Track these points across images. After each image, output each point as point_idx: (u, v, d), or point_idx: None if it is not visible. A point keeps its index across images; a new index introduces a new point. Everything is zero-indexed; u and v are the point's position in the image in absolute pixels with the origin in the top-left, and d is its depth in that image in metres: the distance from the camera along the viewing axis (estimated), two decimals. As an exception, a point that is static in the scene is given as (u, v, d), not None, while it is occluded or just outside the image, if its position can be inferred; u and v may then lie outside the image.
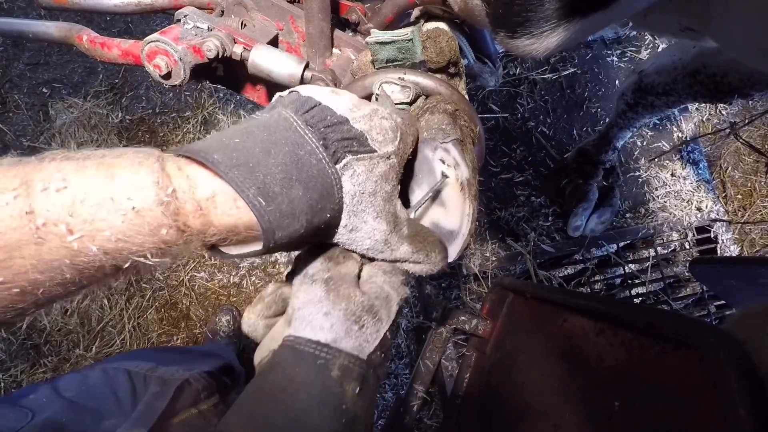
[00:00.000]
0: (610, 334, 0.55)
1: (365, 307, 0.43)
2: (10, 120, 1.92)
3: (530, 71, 1.84)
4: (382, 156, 0.41)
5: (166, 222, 0.33)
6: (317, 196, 0.37)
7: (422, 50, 0.58)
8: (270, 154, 0.36)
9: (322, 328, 0.42)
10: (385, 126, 0.43)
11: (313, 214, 0.37)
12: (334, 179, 0.39)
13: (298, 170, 0.37)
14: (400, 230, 0.44)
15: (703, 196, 1.80)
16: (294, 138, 0.38)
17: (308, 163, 0.37)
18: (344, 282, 0.44)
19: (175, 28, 0.69)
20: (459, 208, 0.51)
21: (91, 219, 0.31)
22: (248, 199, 0.34)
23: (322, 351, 0.41)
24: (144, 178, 0.33)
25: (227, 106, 1.96)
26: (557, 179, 1.70)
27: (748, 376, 0.36)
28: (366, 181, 0.40)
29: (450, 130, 0.51)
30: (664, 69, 1.17)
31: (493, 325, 0.85)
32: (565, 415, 0.57)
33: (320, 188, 0.38)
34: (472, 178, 0.52)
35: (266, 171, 0.35)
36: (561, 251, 1.65)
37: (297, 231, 0.37)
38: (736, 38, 0.62)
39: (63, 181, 0.32)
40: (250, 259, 1.83)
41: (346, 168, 0.39)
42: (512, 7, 0.50)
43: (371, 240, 0.43)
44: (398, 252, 0.45)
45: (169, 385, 0.78)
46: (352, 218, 0.41)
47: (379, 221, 0.42)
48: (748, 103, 2.15)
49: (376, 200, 0.41)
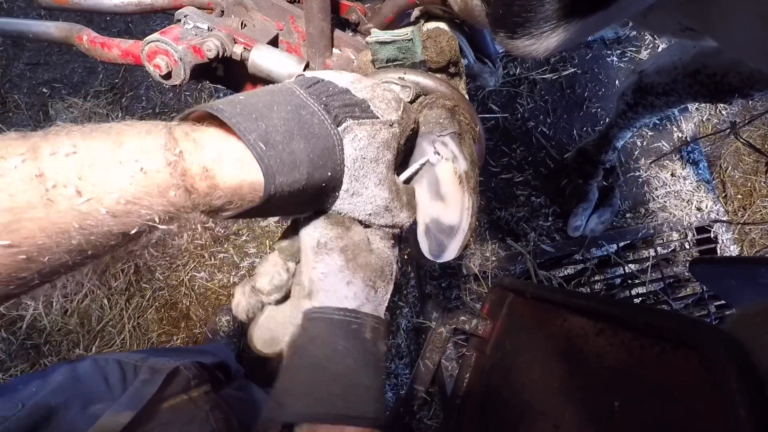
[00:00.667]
0: (610, 334, 0.55)
1: (378, 272, 0.45)
2: (10, 120, 1.92)
3: (530, 71, 1.84)
4: (385, 123, 0.42)
5: (174, 182, 0.33)
6: (318, 152, 0.38)
7: (422, 50, 0.58)
8: (273, 109, 0.37)
9: (347, 297, 0.43)
10: (388, 96, 0.44)
11: (314, 167, 0.38)
12: (335, 139, 0.39)
13: (300, 126, 0.37)
14: (401, 198, 0.45)
15: (703, 196, 1.80)
16: (297, 101, 0.39)
17: (310, 121, 0.38)
18: (360, 250, 0.45)
19: (175, 28, 0.69)
20: (458, 202, 0.51)
21: (100, 181, 0.32)
22: (249, 142, 0.34)
23: (352, 317, 0.43)
24: (152, 142, 0.33)
25: (227, 106, 1.96)
26: (557, 179, 1.70)
27: (748, 376, 0.36)
28: (368, 146, 0.41)
29: (447, 123, 0.51)
30: (664, 69, 1.17)
31: (493, 325, 0.85)
32: (565, 415, 0.57)
33: (321, 145, 0.38)
34: (471, 171, 0.51)
35: (269, 122, 0.36)
36: (561, 251, 1.65)
37: (298, 181, 0.37)
38: (737, 38, 0.62)
39: (72, 147, 0.32)
40: (249, 259, 1.83)
41: (347, 131, 0.40)
42: (512, 8, 0.50)
43: (372, 205, 0.43)
44: (398, 218, 0.46)
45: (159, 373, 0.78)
46: (353, 183, 0.41)
47: (380, 188, 0.43)
48: (748, 103, 2.15)
49: (378, 167, 0.42)
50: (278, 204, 0.38)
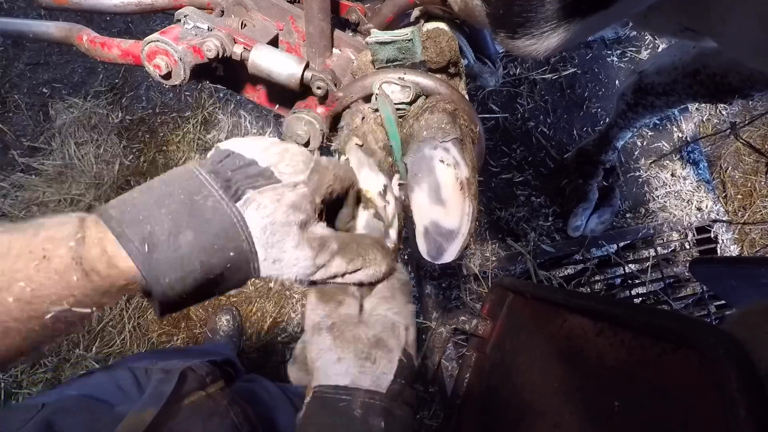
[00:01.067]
0: (610, 334, 0.55)
1: (373, 343, 0.45)
2: (10, 120, 1.92)
3: (530, 71, 1.84)
4: (288, 185, 0.42)
5: (74, 267, 0.35)
6: (212, 238, 0.38)
7: (422, 50, 0.58)
8: (163, 205, 0.38)
9: (337, 373, 0.44)
10: (296, 159, 0.44)
11: (209, 255, 0.38)
12: (234, 217, 0.39)
13: (191, 215, 0.38)
14: (327, 249, 0.44)
15: (703, 196, 1.80)
16: (192, 186, 0.40)
17: (203, 207, 0.39)
18: (347, 325, 0.46)
19: (175, 28, 0.69)
20: (459, 207, 0.51)
21: (9, 270, 0.34)
22: (130, 250, 0.36)
23: (341, 394, 0.44)
24: (61, 231, 0.36)
25: (227, 106, 1.96)
26: (557, 179, 1.70)
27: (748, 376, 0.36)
28: (275, 212, 0.40)
29: (450, 129, 0.51)
30: (665, 69, 1.17)
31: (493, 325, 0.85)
32: (565, 415, 0.57)
33: (216, 229, 0.39)
34: (472, 177, 0.52)
35: (155, 222, 0.37)
36: (561, 251, 1.65)
37: (191, 273, 0.38)
38: (736, 38, 0.62)
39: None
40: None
41: (248, 203, 0.40)
42: (512, 8, 0.50)
43: (297, 267, 0.43)
44: (332, 269, 0.45)
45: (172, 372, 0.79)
46: (269, 251, 0.41)
47: (300, 248, 0.42)
48: (748, 103, 2.15)
49: (291, 229, 0.41)
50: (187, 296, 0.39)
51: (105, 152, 1.88)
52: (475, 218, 0.52)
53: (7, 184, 1.83)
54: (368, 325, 0.47)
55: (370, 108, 0.59)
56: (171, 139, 1.93)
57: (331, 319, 0.46)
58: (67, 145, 1.86)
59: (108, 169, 1.86)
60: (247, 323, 1.80)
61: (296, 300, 1.82)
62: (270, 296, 1.83)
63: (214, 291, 0.42)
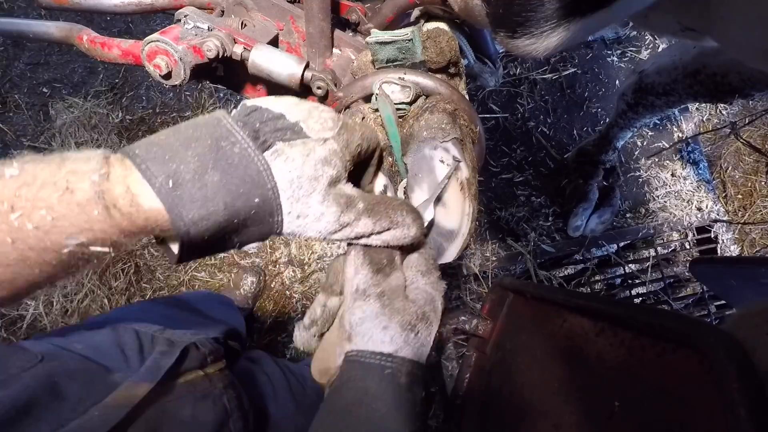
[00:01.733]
0: (610, 334, 0.55)
1: (419, 316, 0.45)
2: (10, 120, 1.92)
3: (530, 71, 1.84)
4: (318, 140, 0.42)
5: (95, 200, 0.35)
6: (238, 181, 0.38)
7: (422, 50, 0.58)
8: (189, 147, 0.38)
9: (383, 341, 0.44)
10: (324, 116, 0.44)
11: (234, 197, 0.38)
12: (260, 165, 0.39)
13: (216, 159, 0.38)
14: (354, 207, 0.43)
15: (703, 196, 1.80)
16: (219, 133, 0.39)
17: (229, 152, 0.39)
18: (397, 295, 0.46)
19: (175, 28, 0.69)
20: (459, 207, 0.51)
21: (32, 198, 0.35)
22: (153, 184, 0.36)
23: (387, 361, 0.43)
24: (86, 165, 0.36)
25: (227, 106, 1.96)
26: (557, 179, 1.70)
27: (748, 376, 0.36)
28: (303, 165, 0.40)
29: (449, 129, 0.51)
30: (665, 69, 1.17)
31: (493, 325, 0.85)
32: (565, 415, 0.57)
33: (241, 173, 0.38)
34: (472, 177, 0.52)
35: (180, 161, 0.37)
36: (561, 251, 1.65)
37: (214, 213, 0.37)
38: (737, 38, 0.62)
39: (18, 170, 0.36)
40: (249, 259, 1.83)
41: (277, 154, 0.40)
42: (512, 7, 0.50)
43: (323, 223, 0.42)
44: (359, 228, 0.44)
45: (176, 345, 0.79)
46: (294, 204, 0.41)
47: (326, 204, 0.42)
48: (749, 103, 2.15)
49: (319, 184, 0.41)
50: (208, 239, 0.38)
51: (105, 152, 1.88)
52: (475, 218, 0.52)
53: (8, 184, 1.83)
54: (414, 299, 0.46)
55: (370, 108, 0.59)
56: (171, 139, 1.93)
57: (380, 287, 0.45)
58: (67, 145, 1.85)
59: (108, 169, 1.86)
60: (248, 323, 1.80)
61: (296, 300, 1.82)
62: (270, 296, 1.83)
63: (234, 240, 0.41)
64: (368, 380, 0.42)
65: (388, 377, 0.42)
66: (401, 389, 0.42)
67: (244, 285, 1.72)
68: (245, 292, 1.72)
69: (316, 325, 0.50)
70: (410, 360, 0.44)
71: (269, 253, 1.84)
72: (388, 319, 0.44)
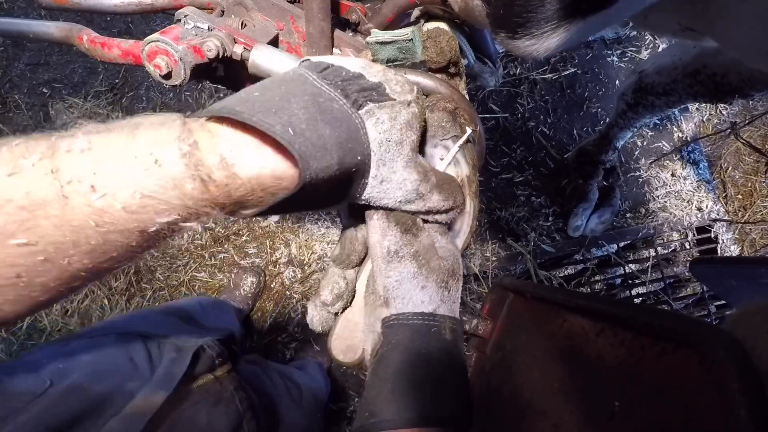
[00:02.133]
0: (610, 334, 0.55)
1: (450, 272, 0.45)
2: (10, 120, 1.92)
3: (530, 71, 1.84)
4: (403, 103, 0.41)
5: (190, 173, 0.32)
6: (345, 135, 0.37)
7: (422, 50, 0.58)
8: (291, 101, 0.36)
9: (423, 301, 0.43)
10: (400, 79, 0.43)
11: (344, 151, 0.36)
12: (359, 123, 0.38)
13: (322, 113, 0.36)
14: (429, 180, 0.44)
15: (703, 196, 1.80)
16: (312, 89, 0.38)
17: (330, 108, 0.37)
18: (432, 255, 0.45)
19: (176, 28, 0.69)
20: None
21: (114, 176, 0.31)
22: (276, 134, 0.33)
23: (431, 320, 0.43)
24: (166, 134, 0.33)
25: (227, 106, 1.96)
26: (557, 179, 1.70)
27: (748, 375, 0.36)
28: (391, 129, 0.40)
29: (450, 127, 0.51)
30: (665, 69, 1.17)
31: (493, 325, 0.85)
32: (565, 415, 0.57)
33: (346, 129, 0.37)
34: (472, 175, 0.52)
35: (290, 114, 0.35)
36: (561, 251, 1.65)
37: (330, 167, 0.36)
38: (737, 38, 0.62)
39: (87, 143, 0.32)
40: (249, 259, 1.83)
41: (369, 115, 0.39)
42: (513, 8, 0.50)
43: (403, 191, 0.42)
44: (430, 202, 0.44)
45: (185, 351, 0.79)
46: (381, 168, 0.40)
47: (408, 170, 0.41)
48: (749, 103, 2.15)
49: (403, 149, 0.41)
50: (309, 195, 0.36)
51: (105, 152, 1.88)
52: (476, 216, 0.52)
53: (8, 184, 1.83)
54: (444, 256, 0.46)
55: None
56: (171, 139, 1.93)
57: (414, 246, 0.44)
58: (67, 145, 1.86)
59: (108, 169, 1.86)
60: (248, 323, 1.80)
61: (296, 300, 1.82)
62: (270, 296, 1.83)
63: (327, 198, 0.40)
64: (417, 341, 0.42)
65: (434, 335, 0.42)
66: (449, 345, 0.43)
67: (244, 285, 1.72)
68: (245, 292, 1.72)
69: (342, 299, 0.49)
70: (450, 316, 0.44)
71: (269, 253, 1.84)
72: (426, 278, 0.44)
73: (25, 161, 0.30)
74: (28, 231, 0.30)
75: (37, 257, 0.30)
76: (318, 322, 0.50)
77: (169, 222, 0.33)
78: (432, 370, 0.41)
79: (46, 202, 0.30)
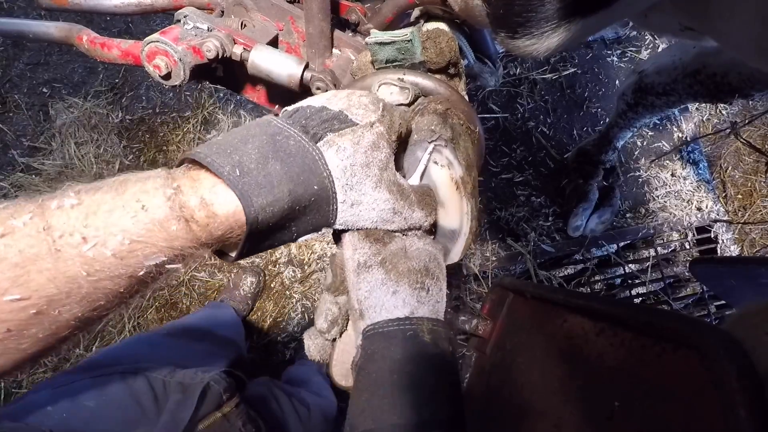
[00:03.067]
0: (610, 334, 0.55)
1: (423, 272, 0.44)
2: (10, 120, 1.92)
3: (530, 71, 1.84)
4: (365, 126, 0.42)
5: (174, 215, 0.34)
6: (297, 169, 0.39)
7: (422, 51, 0.58)
8: (248, 142, 0.39)
9: (396, 306, 0.43)
10: (364, 101, 0.44)
11: (295, 183, 0.38)
12: (315, 154, 0.40)
13: (275, 150, 0.39)
14: (407, 196, 0.44)
15: (703, 196, 1.80)
16: (271, 130, 0.40)
17: (285, 144, 0.39)
18: (399, 258, 0.45)
19: (175, 28, 0.69)
20: (457, 207, 0.51)
21: (104, 225, 0.33)
22: (223, 174, 0.36)
23: (406, 324, 0.42)
24: (152, 183, 0.35)
25: (227, 106, 1.96)
26: (557, 179, 1.70)
27: (748, 376, 0.36)
28: (355, 153, 0.41)
29: (440, 129, 0.51)
30: (665, 69, 1.17)
31: (493, 325, 0.85)
32: (565, 415, 0.57)
33: (300, 162, 0.39)
34: (467, 175, 0.51)
35: (242, 153, 0.38)
36: (561, 251, 1.65)
37: (280, 200, 0.38)
38: (736, 38, 0.62)
39: (77, 199, 0.34)
40: (249, 259, 1.83)
41: (328, 144, 0.40)
42: (513, 8, 0.50)
43: (377, 211, 0.43)
44: (412, 219, 0.45)
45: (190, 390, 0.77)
46: (348, 192, 0.41)
47: (379, 191, 0.42)
48: (749, 103, 2.15)
49: (371, 170, 0.42)
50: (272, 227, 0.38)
51: (105, 152, 1.88)
52: (475, 217, 0.52)
53: (7, 184, 1.83)
54: (415, 256, 0.45)
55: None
56: (171, 139, 1.93)
57: (381, 255, 0.44)
58: (67, 145, 1.85)
59: (108, 169, 1.86)
60: (248, 323, 1.80)
61: (296, 300, 1.82)
62: (270, 296, 1.83)
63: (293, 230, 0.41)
64: (393, 347, 0.41)
65: (411, 339, 0.41)
66: (428, 347, 0.41)
67: (243, 285, 1.72)
68: (245, 293, 1.72)
69: (337, 324, 0.48)
70: (428, 318, 0.43)
71: (269, 253, 1.84)
72: (396, 282, 0.43)
73: (15, 221, 0.32)
74: (21, 286, 0.31)
75: (30, 311, 0.32)
76: (315, 351, 0.50)
77: (157, 264, 0.35)
78: (409, 376, 0.40)
79: (39, 257, 0.32)
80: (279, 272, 1.84)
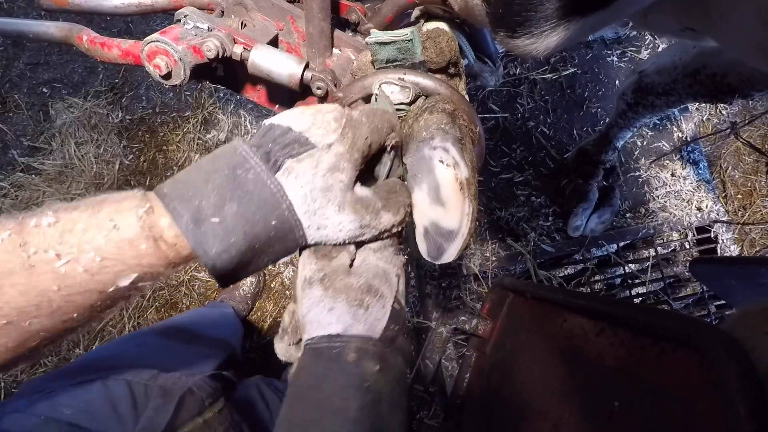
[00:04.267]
0: (610, 334, 0.55)
1: (364, 290, 0.45)
2: (10, 120, 1.92)
3: (530, 71, 1.84)
4: (323, 148, 0.42)
5: (144, 234, 0.36)
6: (254, 207, 0.39)
7: (422, 50, 0.58)
8: (210, 180, 0.40)
9: (330, 323, 0.43)
10: (327, 119, 0.44)
11: (252, 224, 0.39)
12: (273, 187, 0.40)
13: (234, 188, 0.39)
14: (373, 208, 0.44)
15: (703, 196, 1.80)
16: (235, 161, 0.41)
17: (244, 180, 0.40)
18: (338, 274, 0.45)
19: (175, 28, 0.69)
20: (458, 207, 0.51)
21: (77, 242, 0.35)
22: (180, 225, 0.38)
23: (335, 342, 0.43)
24: (127, 204, 0.37)
25: (227, 106, 1.96)
26: (557, 179, 1.70)
27: (748, 375, 0.36)
28: (314, 179, 0.41)
29: (449, 129, 0.51)
30: (665, 69, 1.17)
31: (493, 325, 0.85)
32: (565, 415, 0.57)
33: (257, 199, 0.40)
34: (471, 177, 0.51)
35: (202, 196, 0.39)
36: (561, 251, 1.65)
37: (236, 244, 0.39)
38: (736, 38, 0.62)
39: (54, 217, 0.36)
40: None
41: (287, 173, 0.41)
42: (512, 7, 0.50)
43: (344, 231, 0.43)
44: (381, 225, 0.45)
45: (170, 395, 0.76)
46: (312, 218, 0.41)
47: (342, 213, 0.42)
48: (749, 103, 2.15)
49: (332, 193, 0.42)
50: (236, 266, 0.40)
51: (105, 152, 1.88)
52: (475, 218, 0.52)
53: (7, 183, 1.83)
54: (359, 273, 0.46)
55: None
56: (171, 139, 1.93)
57: (323, 271, 0.45)
58: (67, 145, 1.85)
59: (108, 168, 1.86)
60: (248, 323, 1.80)
61: (296, 300, 1.82)
62: (270, 296, 1.83)
63: (262, 260, 0.42)
64: (317, 364, 0.43)
65: (334, 357, 0.42)
66: (349, 366, 0.42)
67: (243, 285, 1.72)
68: (245, 293, 1.71)
69: (287, 333, 0.50)
70: (359, 336, 0.43)
71: (269, 253, 1.84)
72: (333, 299, 0.44)
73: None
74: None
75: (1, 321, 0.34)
76: (281, 352, 0.51)
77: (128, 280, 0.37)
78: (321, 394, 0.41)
79: (13, 272, 0.34)
80: (279, 272, 1.84)
